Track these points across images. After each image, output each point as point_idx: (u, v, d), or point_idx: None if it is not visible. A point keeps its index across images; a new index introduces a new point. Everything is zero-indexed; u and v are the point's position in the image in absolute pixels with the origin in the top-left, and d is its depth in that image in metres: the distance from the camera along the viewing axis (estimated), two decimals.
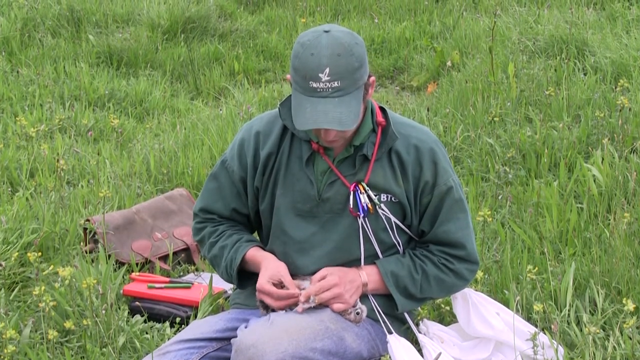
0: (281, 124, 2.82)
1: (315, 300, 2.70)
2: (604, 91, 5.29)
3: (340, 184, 2.76)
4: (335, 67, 2.56)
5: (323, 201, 2.77)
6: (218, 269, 2.92)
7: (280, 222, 2.82)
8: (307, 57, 2.58)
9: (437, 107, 5.61)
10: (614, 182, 4.13)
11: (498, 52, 6.04)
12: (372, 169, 2.76)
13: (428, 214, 2.81)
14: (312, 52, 2.58)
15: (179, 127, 5.55)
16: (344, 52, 2.58)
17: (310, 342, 2.60)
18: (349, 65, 2.58)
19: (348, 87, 2.59)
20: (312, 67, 2.57)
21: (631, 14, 6.69)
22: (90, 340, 3.14)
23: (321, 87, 2.57)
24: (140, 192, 4.55)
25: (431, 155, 2.78)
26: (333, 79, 2.57)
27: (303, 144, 2.79)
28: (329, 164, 2.77)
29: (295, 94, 2.64)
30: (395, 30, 7.55)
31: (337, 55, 2.57)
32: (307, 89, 2.59)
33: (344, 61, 2.57)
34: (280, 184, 2.81)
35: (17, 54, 6.99)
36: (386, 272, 2.79)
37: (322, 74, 2.57)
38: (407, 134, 2.80)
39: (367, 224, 2.77)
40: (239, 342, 2.59)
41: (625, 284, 3.36)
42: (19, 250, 3.70)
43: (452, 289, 2.88)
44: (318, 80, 2.57)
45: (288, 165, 2.80)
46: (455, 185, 2.81)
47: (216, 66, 7.17)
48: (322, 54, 2.57)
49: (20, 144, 5.14)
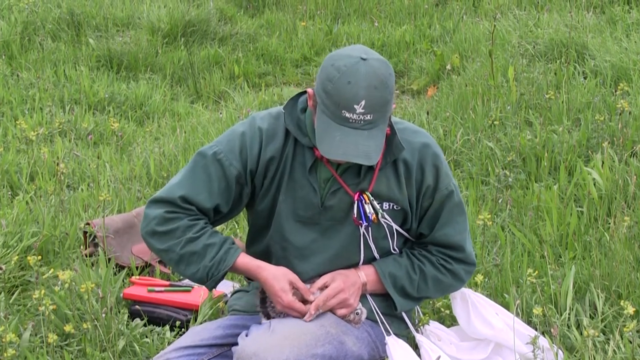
0: (284, 127, 2.76)
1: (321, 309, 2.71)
2: (604, 95, 5.29)
3: (343, 192, 2.75)
4: (370, 100, 2.51)
5: (325, 209, 2.75)
6: (190, 267, 2.71)
7: (280, 228, 2.79)
8: (344, 86, 2.51)
9: (437, 110, 5.61)
10: (614, 185, 4.13)
11: (498, 56, 6.04)
12: (376, 178, 2.75)
13: (428, 218, 2.81)
14: (349, 81, 2.51)
15: (179, 130, 5.55)
16: (380, 85, 2.52)
17: (312, 348, 2.60)
18: (384, 99, 2.53)
19: (379, 121, 2.55)
20: (348, 97, 2.51)
21: (631, 18, 6.69)
22: (90, 344, 3.14)
23: (354, 118, 2.52)
24: (140, 196, 4.55)
25: (434, 159, 2.77)
26: (367, 112, 2.52)
27: (306, 151, 2.74)
28: (332, 173, 2.74)
29: (322, 117, 2.56)
30: (395, 33, 7.56)
31: (374, 88, 2.51)
32: (338, 116, 2.53)
33: (379, 95, 2.52)
34: (283, 190, 2.77)
35: (17, 58, 6.99)
36: (384, 273, 2.79)
37: (358, 106, 2.51)
38: (410, 139, 2.78)
39: (368, 233, 2.77)
40: (240, 351, 2.59)
41: (625, 288, 3.35)
42: (19, 253, 3.70)
43: (448, 289, 2.89)
44: (352, 111, 2.51)
45: (291, 172, 2.76)
46: (455, 189, 2.82)
47: (216, 70, 7.17)
48: (359, 84, 2.51)
49: (21, 148, 5.14)
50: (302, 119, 2.73)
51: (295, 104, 2.76)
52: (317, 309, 2.70)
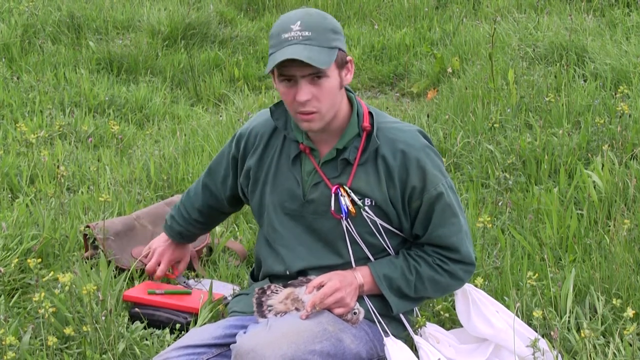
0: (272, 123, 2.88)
1: (317, 307, 2.71)
2: (604, 97, 5.29)
3: (324, 185, 2.78)
4: (306, 22, 2.63)
5: (308, 202, 2.81)
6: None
7: (270, 220, 2.88)
8: (280, 20, 2.67)
9: (437, 113, 5.61)
10: (614, 188, 4.13)
11: (498, 59, 6.05)
12: (354, 174, 2.77)
13: (420, 219, 2.81)
14: (285, 16, 2.67)
15: (179, 133, 5.55)
16: (316, 14, 2.66)
17: (309, 345, 2.60)
18: (321, 24, 2.64)
19: (319, 40, 2.62)
20: (284, 21, 2.65)
21: (631, 21, 6.69)
22: (90, 347, 3.13)
23: (292, 35, 2.61)
24: (140, 199, 4.55)
25: (417, 161, 2.76)
26: (304, 29, 2.61)
27: (292, 144, 2.83)
28: (313, 164, 2.80)
29: (270, 57, 2.66)
30: (395, 36, 7.56)
31: (309, 15, 2.65)
32: (280, 42, 2.62)
33: (315, 19, 2.64)
34: (270, 182, 2.86)
35: (17, 61, 6.99)
36: (378, 275, 2.80)
37: (294, 25, 2.62)
38: (395, 138, 2.78)
39: (351, 227, 2.78)
40: (239, 347, 2.60)
41: (625, 291, 3.36)
42: (18, 256, 3.70)
43: (447, 289, 2.89)
44: (289, 30, 2.62)
45: (278, 164, 2.85)
46: (445, 191, 2.79)
47: (216, 72, 7.17)
48: (293, 15, 2.65)
49: (21, 151, 5.14)
50: (289, 116, 2.82)
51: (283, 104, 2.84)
52: (313, 306, 2.71)
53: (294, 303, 2.77)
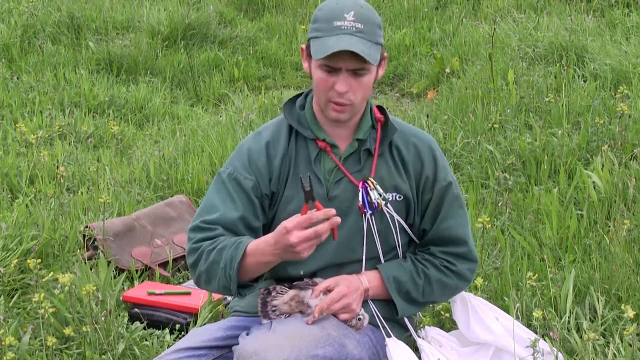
0: (287, 126, 2.80)
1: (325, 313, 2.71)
2: (604, 98, 5.29)
3: (347, 181, 2.77)
4: (359, 13, 2.63)
5: (330, 200, 2.76)
6: (215, 282, 2.65)
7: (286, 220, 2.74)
8: (332, 6, 2.64)
9: (437, 114, 5.61)
10: (614, 189, 4.13)
11: (498, 59, 6.05)
12: (376, 165, 2.78)
13: (430, 211, 2.83)
14: (336, 3, 2.65)
15: (179, 134, 5.55)
16: (366, 7, 2.66)
17: (312, 350, 2.59)
18: (372, 18, 2.65)
19: (370, 35, 2.63)
20: (337, 10, 2.63)
21: (631, 21, 6.69)
22: (90, 347, 3.13)
23: (346, 25, 2.61)
24: (140, 199, 4.55)
25: (430, 151, 2.82)
26: (357, 21, 2.62)
27: (310, 144, 2.78)
28: (335, 161, 2.76)
29: (317, 42, 2.62)
30: (395, 37, 7.56)
31: (360, 7, 2.64)
32: (331, 29, 2.61)
33: (367, 12, 2.65)
34: (289, 185, 2.78)
35: (17, 61, 7.00)
36: (389, 278, 2.79)
37: (348, 15, 2.62)
38: (406, 131, 2.83)
39: (372, 223, 2.78)
40: (241, 350, 2.59)
41: (625, 291, 3.35)
42: (18, 257, 3.70)
43: (455, 292, 2.89)
44: (343, 19, 2.61)
45: (296, 167, 2.79)
46: (454, 182, 2.84)
47: (216, 73, 7.17)
48: (346, 3, 2.64)
49: (21, 151, 5.15)
50: (302, 115, 2.78)
51: (293, 104, 2.82)
52: (321, 312, 2.69)
53: (298, 306, 2.76)
